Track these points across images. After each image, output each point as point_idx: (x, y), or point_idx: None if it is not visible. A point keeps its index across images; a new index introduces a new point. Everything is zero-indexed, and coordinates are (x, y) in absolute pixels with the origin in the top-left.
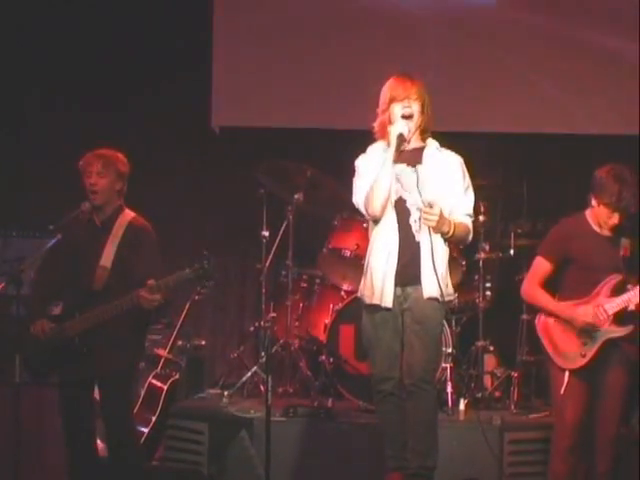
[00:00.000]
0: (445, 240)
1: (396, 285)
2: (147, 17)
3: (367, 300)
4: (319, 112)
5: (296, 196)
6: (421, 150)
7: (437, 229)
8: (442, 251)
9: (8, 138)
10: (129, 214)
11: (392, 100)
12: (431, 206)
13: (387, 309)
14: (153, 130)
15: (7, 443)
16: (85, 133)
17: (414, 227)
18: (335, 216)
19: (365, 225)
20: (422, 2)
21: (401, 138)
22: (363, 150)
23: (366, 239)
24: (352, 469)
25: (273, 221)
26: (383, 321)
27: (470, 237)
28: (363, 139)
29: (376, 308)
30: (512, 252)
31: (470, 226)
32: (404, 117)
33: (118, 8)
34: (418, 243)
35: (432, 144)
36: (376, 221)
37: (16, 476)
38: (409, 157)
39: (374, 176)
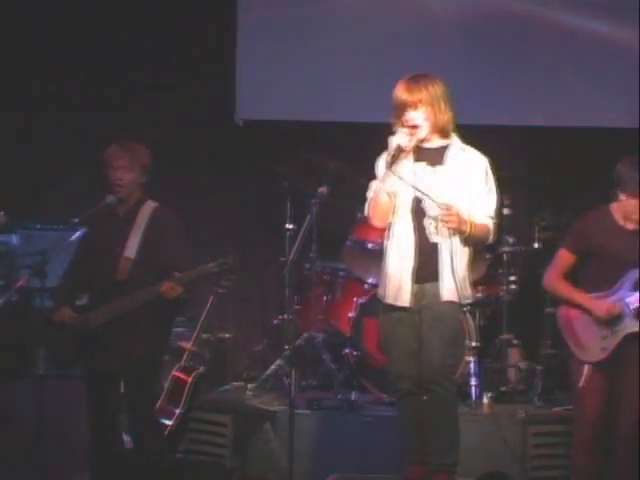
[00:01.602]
0: (463, 240)
1: (413, 282)
2: (171, 11)
3: (384, 300)
4: (343, 105)
5: (320, 189)
6: (444, 149)
7: (456, 230)
8: (461, 252)
9: (29, 131)
10: (152, 204)
11: (396, 108)
12: (448, 208)
13: (405, 308)
14: (177, 123)
15: (30, 435)
16: (108, 126)
17: (429, 229)
18: (359, 209)
19: None
20: None
21: (399, 149)
22: (386, 144)
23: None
24: (375, 462)
25: (297, 214)
26: (400, 319)
27: (491, 238)
28: (386, 132)
29: (393, 307)
30: (537, 245)
31: (491, 227)
32: (406, 127)
33: (141, 3)
34: (435, 244)
35: (456, 143)
36: (393, 219)
37: (39, 468)
38: (430, 156)
39: (374, 187)
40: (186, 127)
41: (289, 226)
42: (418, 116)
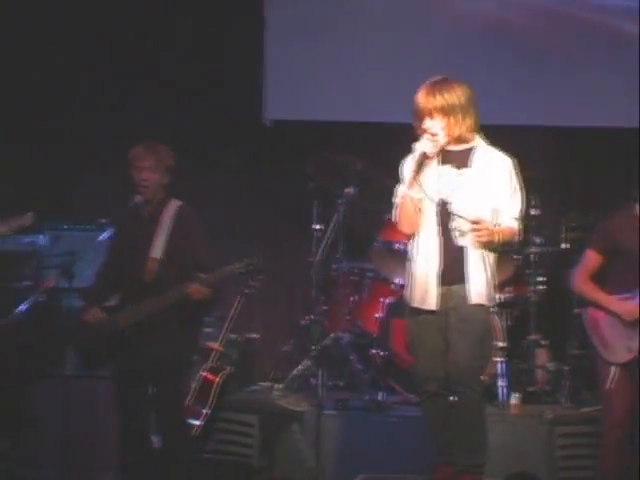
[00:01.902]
0: (492, 249)
1: (440, 285)
2: (199, 12)
3: (410, 303)
4: (371, 105)
5: (347, 189)
6: (469, 151)
7: (487, 243)
8: (487, 254)
9: (57, 132)
10: (175, 203)
11: (414, 114)
12: (479, 222)
13: (430, 311)
14: (205, 124)
15: (58, 435)
16: (135, 127)
17: (455, 233)
18: (386, 209)
19: None
20: None
21: (423, 157)
22: (413, 144)
23: None
24: (402, 462)
25: (324, 214)
26: (426, 321)
27: (516, 239)
28: (414, 133)
29: (419, 309)
30: (564, 245)
31: (516, 229)
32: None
33: (168, 3)
34: (461, 247)
35: (481, 145)
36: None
37: (67, 467)
38: (455, 159)
39: (400, 193)
40: (215, 127)
41: (316, 226)
42: (435, 125)
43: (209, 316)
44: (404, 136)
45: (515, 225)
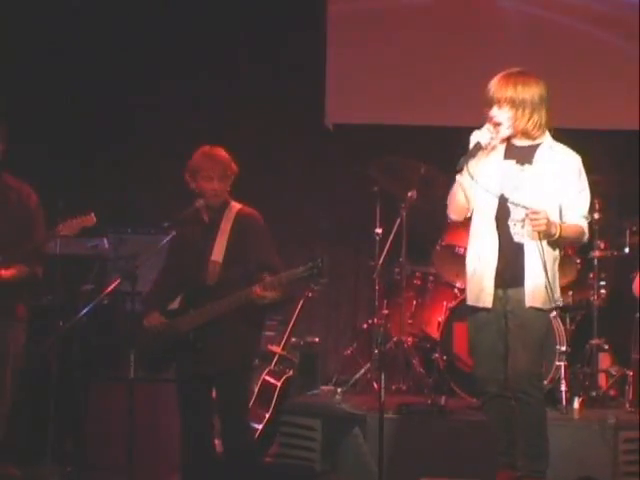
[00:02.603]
0: (552, 243)
1: (497, 286)
2: (261, 16)
3: (468, 302)
4: (432, 109)
5: (409, 193)
6: (534, 148)
7: (545, 233)
8: (549, 255)
9: (121, 137)
10: (236, 206)
11: (484, 101)
12: (535, 211)
13: (487, 310)
14: (268, 128)
15: (122, 439)
16: (196, 131)
17: (513, 229)
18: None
19: None
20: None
21: (478, 146)
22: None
23: None
24: (465, 467)
25: (386, 218)
26: (486, 322)
27: (585, 238)
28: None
29: (478, 309)
30: (627, 250)
31: (584, 228)
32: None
33: (230, 8)
34: (519, 244)
35: (548, 142)
36: (475, 218)
37: (130, 471)
38: (520, 154)
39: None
40: (277, 130)
41: (378, 230)
42: (501, 115)
43: (272, 319)
44: (466, 139)
45: (582, 223)
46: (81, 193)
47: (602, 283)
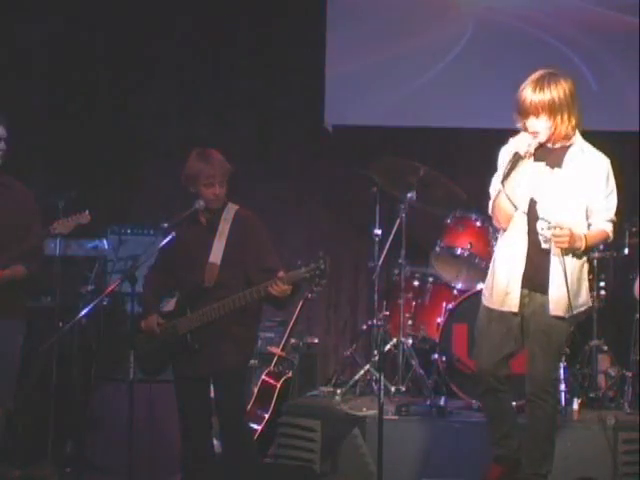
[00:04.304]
0: (578, 255)
1: (522, 288)
2: (260, 16)
3: (487, 303)
4: (432, 111)
5: (409, 194)
6: (564, 150)
7: (570, 249)
8: (573, 264)
9: (121, 139)
10: (233, 207)
11: (518, 109)
12: (560, 228)
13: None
14: (267, 129)
15: (121, 439)
16: (195, 131)
17: (540, 234)
18: (448, 214)
19: (479, 223)
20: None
21: (517, 157)
22: (476, 149)
23: (480, 237)
24: (464, 467)
25: (386, 219)
26: (500, 318)
27: (609, 241)
28: (475, 138)
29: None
30: (627, 251)
31: (610, 232)
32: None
33: (231, 8)
34: (547, 251)
35: (578, 143)
36: None
37: (130, 471)
38: (550, 157)
39: (495, 187)
40: (276, 131)
41: (378, 231)
42: (539, 124)
43: (271, 320)
44: (466, 141)
45: (608, 227)
46: (81, 194)
47: (601, 284)
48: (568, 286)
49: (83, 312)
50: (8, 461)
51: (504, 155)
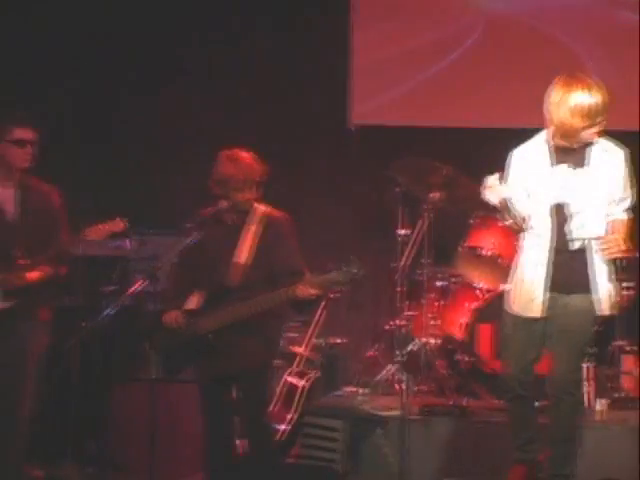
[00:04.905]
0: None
1: (547, 292)
2: (286, 17)
3: (511, 310)
4: (456, 110)
5: (432, 195)
6: (584, 149)
7: (619, 254)
8: (601, 261)
9: (144, 138)
10: (261, 208)
11: (593, 115)
12: (608, 240)
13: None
14: (290, 129)
15: (143, 439)
16: (222, 132)
17: (572, 235)
18: (471, 214)
19: (501, 224)
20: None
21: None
22: (499, 148)
23: (504, 237)
24: (487, 468)
25: (409, 219)
26: (525, 324)
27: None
28: (498, 137)
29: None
30: None
31: (627, 220)
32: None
33: (255, 9)
34: (575, 252)
35: (599, 142)
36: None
37: (152, 471)
38: (572, 157)
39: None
40: (299, 131)
41: (401, 232)
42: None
43: (295, 320)
44: (489, 141)
45: (626, 217)
46: (104, 194)
47: (627, 284)
48: (612, 284)
49: (107, 312)
50: (31, 461)
51: (516, 160)
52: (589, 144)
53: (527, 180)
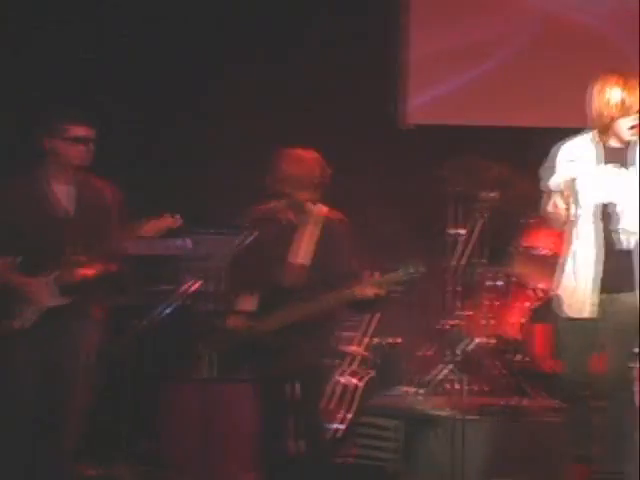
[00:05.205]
0: None
1: (598, 292)
2: (339, 16)
3: (564, 313)
4: (509, 110)
5: (486, 193)
6: (626, 148)
7: None
8: None
9: (198, 137)
10: (322, 209)
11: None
12: None
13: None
14: (344, 128)
15: (195, 438)
16: (275, 131)
17: (619, 234)
18: (527, 214)
19: None
20: None
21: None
22: (552, 148)
23: (560, 236)
24: (542, 468)
25: (462, 219)
26: (579, 326)
27: None
28: (554, 137)
29: None
30: None
31: None
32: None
33: (309, 7)
34: (621, 251)
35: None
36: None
37: (204, 471)
38: (616, 156)
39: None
40: (351, 130)
41: (454, 231)
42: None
43: (351, 320)
44: (544, 140)
45: None
46: (159, 192)
47: None
48: None
49: (160, 311)
50: (83, 460)
51: (563, 155)
52: (633, 144)
53: (575, 176)
